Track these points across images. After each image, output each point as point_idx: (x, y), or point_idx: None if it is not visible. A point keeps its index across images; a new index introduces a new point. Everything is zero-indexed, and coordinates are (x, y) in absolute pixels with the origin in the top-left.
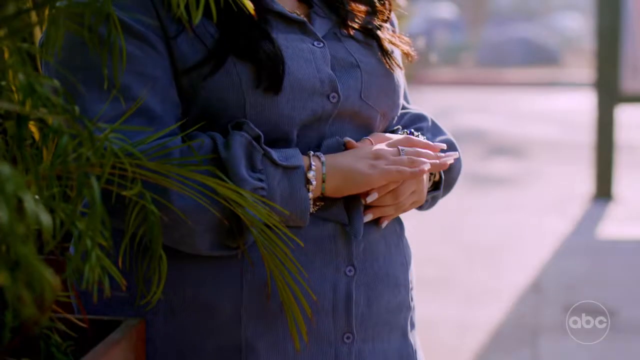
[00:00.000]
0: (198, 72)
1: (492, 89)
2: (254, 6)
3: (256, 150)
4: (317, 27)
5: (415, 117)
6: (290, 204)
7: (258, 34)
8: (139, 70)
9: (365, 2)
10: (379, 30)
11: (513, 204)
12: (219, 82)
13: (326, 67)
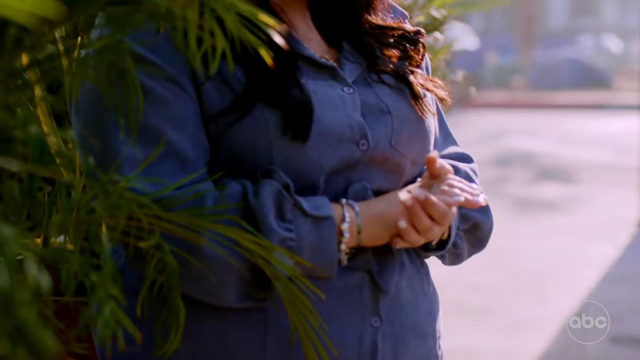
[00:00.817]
0: (225, 118)
1: (542, 112)
2: (284, 51)
3: (286, 200)
4: (347, 73)
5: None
6: (318, 256)
7: (287, 80)
8: (171, 113)
9: (397, 47)
10: (411, 75)
11: (560, 229)
12: (246, 129)
13: (356, 114)
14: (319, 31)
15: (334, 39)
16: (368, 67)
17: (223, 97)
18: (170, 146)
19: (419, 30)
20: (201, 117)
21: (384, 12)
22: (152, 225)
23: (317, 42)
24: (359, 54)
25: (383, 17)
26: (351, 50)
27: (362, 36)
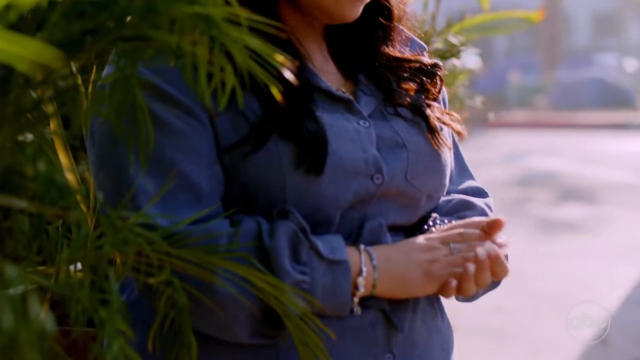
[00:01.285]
0: (239, 149)
1: (564, 132)
2: (301, 83)
3: (302, 243)
4: (364, 106)
5: (464, 204)
6: (331, 298)
7: (302, 112)
8: (186, 145)
9: (414, 80)
10: (428, 108)
11: (582, 250)
12: (259, 161)
13: (371, 148)
14: (336, 63)
15: (351, 71)
16: (384, 100)
17: (238, 128)
18: (184, 179)
19: (437, 64)
20: (216, 149)
21: (402, 45)
22: (162, 262)
23: (334, 75)
24: (376, 86)
25: (401, 49)
26: (367, 83)
27: (379, 69)
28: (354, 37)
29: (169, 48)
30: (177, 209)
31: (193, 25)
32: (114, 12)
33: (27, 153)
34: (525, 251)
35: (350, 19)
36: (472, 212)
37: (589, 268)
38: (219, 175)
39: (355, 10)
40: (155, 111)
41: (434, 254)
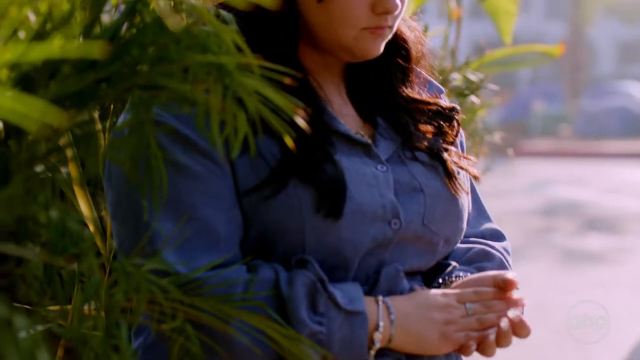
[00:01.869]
0: (259, 193)
1: (589, 161)
2: (319, 126)
3: (319, 293)
4: (382, 150)
5: (483, 254)
6: (347, 350)
7: (321, 156)
8: (205, 188)
9: (431, 123)
10: (445, 153)
11: (606, 281)
12: (279, 205)
13: (389, 193)
14: (354, 106)
15: (369, 114)
16: (402, 143)
17: (257, 172)
18: (202, 223)
19: (454, 107)
20: (235, 192)
21: (420, 87)
22: (175, 310)
23: (353, 118)
24: (394, 129)
25: (419, 91)
26: (386, 126)
27: (397, 111)
28: (372, 79)
29: (182, 96)
30: (194, 254)
31: (206, 73)
32: (126, 61)
33: (39, 201)
34: (547, 282)
35: (372, 55)
36: (491, 263)
37: (612, 299)
38: (237, 219)
39: (377, 47)
40: (173, 154)
41: (450, 314)
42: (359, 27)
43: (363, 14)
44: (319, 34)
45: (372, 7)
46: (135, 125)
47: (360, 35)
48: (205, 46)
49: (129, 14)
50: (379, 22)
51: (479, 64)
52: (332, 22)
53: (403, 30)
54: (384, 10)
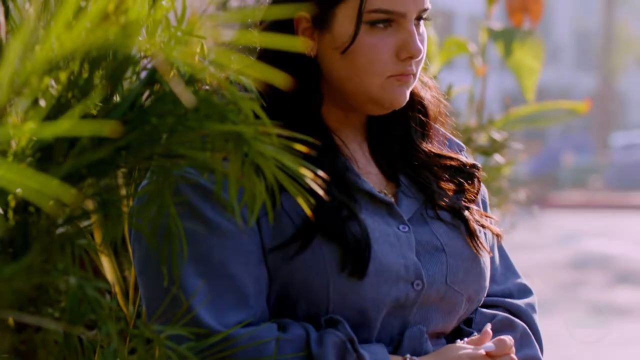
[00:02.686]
0: (284, 251)
1: (620, 213)
2: (344, 184)
3: (349, 353)
4: (404, 208)
5: (507, 324)
6: None
7: (346, 214)
8: (234, 245)
9: (453, 180)
10: (467, 211)
11: (637, 337)
12: (304, 263)
13: (411, 254)
14: (377, 164)
15: (392, 172)
16: (425, 202)
17: (282, 230)
18: (232, 280)
19: (475, 164)
20: (261, 250)
21: (440, 144)
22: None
23: (376, 176)
24: (416, 187)
25: (439, 147)
26: (408, 184)
27: (419, 168)
28: (393, 136)
29: (200, 164)
30: (225, 311)
31: (224, 141)
32: (145, 129)
33: (58, 268)
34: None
35: (400, 104)
36: (514, 333)
37: None
38: (264, 276)
39: (403, 95)
40: (203, 211)
41: None
42: (385, 75)
43: (388, 60)
44: (345, 87)
45: (397, 54)
46: (154, 192)
47: (387, 84)
48: (224, 115)
49: (148, 83)
50: (404, 69)
51: (505, 121)
52: (358, 73)
53: (418, 89)
54: (408, 55)
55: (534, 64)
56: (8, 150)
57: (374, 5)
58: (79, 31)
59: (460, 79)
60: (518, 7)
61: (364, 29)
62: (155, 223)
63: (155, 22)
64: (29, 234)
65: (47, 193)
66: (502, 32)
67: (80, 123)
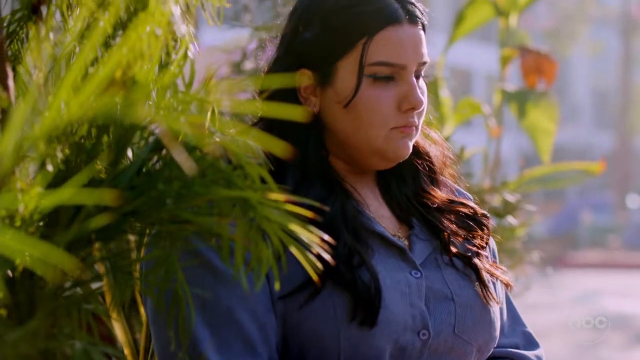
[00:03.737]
0: (293, 299)
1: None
2: (355, 228)
3: None
4: (417, 252)
5: None
6: None
7: (357, 262)
8: (241, 293)
9: (463, 227)
10: (479, 259)
11: None
12: (313, 312)
13: (420, 302)
14: (390, 208)
15: (405, 215)
16: (438, 247)
17: (291, 277)
18: (240, 328)
19: (485, 214)
20: (270, 297)
21: (449, 192)
22: None
23: (389, 219)
24: (429, 231)
25: (448, 194)
26: (421, 227)
27: (432, 213)
28: (405, 180)
29: (207, 229)
30: (233, 358)
31: (231, 207)
32: (152, 195)
33: (64, 332)
34: None
35: (403, 156)
36: None
37: None
38: (272, 324)
39: (406, 147)
40: (211, 260)
41: None
42: (388, 127)
43: (390, 112)
44: (349, 141)
45: (399, 106)
46: (162, 257)
47: (391, 136)
48: (231, 180)
49: (155, 149)
50: (407, 120)
51: (519, 182)
52: (361, 126)
53: (422, 143)
54: (410, 107)
55: (548, 125)
56: (16, 215)
57: (374, 58)
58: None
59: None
60: (532, 69)
61: (366, 82)
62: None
63: (163, 88)
64: (35, 298)
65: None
66: (515, 93)
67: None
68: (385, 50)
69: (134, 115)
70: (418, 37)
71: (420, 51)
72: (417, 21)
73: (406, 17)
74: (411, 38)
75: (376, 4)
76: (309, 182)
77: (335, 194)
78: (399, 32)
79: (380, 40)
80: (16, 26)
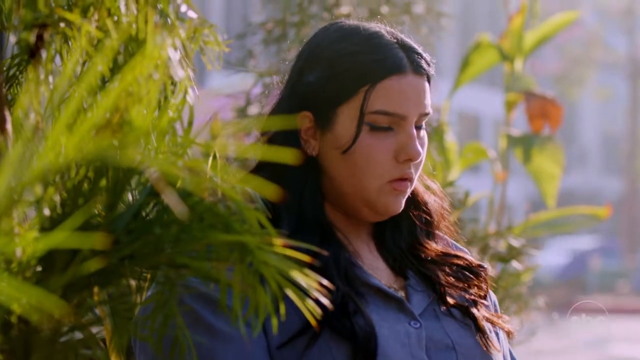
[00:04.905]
0: (291, 347)
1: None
2: (350, 279)
3: None
4: (415, 304)
5: None
6: None
7: (352, 309)
8: (237, 350)
9: (460, 278)
10: (476, 308)
11: None
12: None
13: (421, 352)
14: (385, 260)
15: (400, 268)
16: (435, 298)
17: (289, 325)
18: None
19: (482, 265)
20: (267, 348)
21: (445, 245)
22: None
23: (384, 271)
24: (425, 283)
25: (445, 246)
26: (417, 279)
27: (427, 263)
28: (401, 233)
29: (204, 274)
30: None
31: (228, 251)
32: (149, 239)
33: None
34: None
35: (394, 211)
36: None
37: None
38: None
39: (398, 203)
40: (205, 318)
41: None
42: (384, 178)
43: (387, 162)
44: (343, 188)
45: (396, 156)
46: (160, 303)
47: (384, 189)
48: (228, 224)
49: (151, 193)
50: (403, 172)
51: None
52: (356, 174)
53: (421, 192)
54: (407, 158)
55: (554, 169)
56: (13, 258)
57: (375, 107)
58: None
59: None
60: (537, 114)
61: (365, 130)
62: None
63: (160, 132)
64: (31, 343)
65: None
66: (520, 138)
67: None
68: (386, 99)
69: (129, 159)
70: (421, 88)
71: (422, 102)
72: (422, 72)
73: (411, 68)
74: (414, 89)
75: (382, 53)
76: (303, 230)
77: (329, 243)
78: (402, 82)
79: (382, 89)
80: (15, 70)
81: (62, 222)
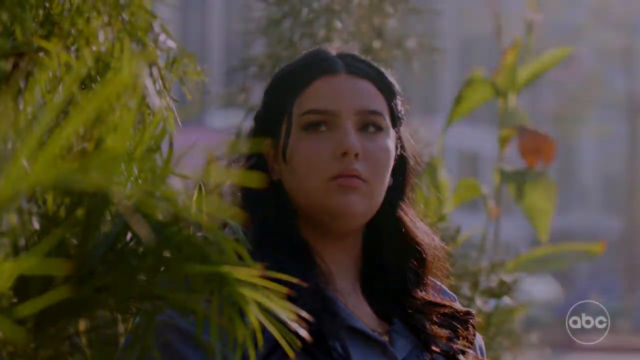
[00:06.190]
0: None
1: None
2: (332, 321)
3: None
4: (398, 349)
5: None
6: None
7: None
8: None
9: (446, 326)
10: (462, 356)
11: None
12: None
13: None
14: (370, 305)
15: (385, 313)
16: (419, 344)
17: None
18: None
19: (469, 311)
20: None
21: (434, 293)
22: None
23: (368, 315)
24: (410, 329)
25: (433, 295)
26: (402, 326)
27: (413, 313)
28: (388, 279)
29: (180, 306)
30: None
31: (205, 282)
32: (125, 270)
33: None
34: None
35: (348, 211)
36: None
37: None
38: None
39: (349, 202)
40: (181, 350)
41: None
42: (325, 175)
43: (325, 161)
44: (299, 200)
45: (333, 153)
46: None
47: (330, 188)
48: (206, 256)
49: (127, 224)
50: (344, 167)
51: (516, 263)
52: (300, 180)
53: (417, 234)
54: (342, 151)
55: (546, 205)
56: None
57: (305, 108)
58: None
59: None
60: (530, 149)
61: (302, 135)
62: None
63: (136, 160)
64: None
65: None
66: (513, 173)
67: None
68: (316, 99)
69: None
70: (359, 87)
71: (359, 98)
72: (359, 73)
73: (345, 69)
74: (347, 86)
75: (312, 60)
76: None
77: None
78: (333, 81)
79: (313, 90)
80: None
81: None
